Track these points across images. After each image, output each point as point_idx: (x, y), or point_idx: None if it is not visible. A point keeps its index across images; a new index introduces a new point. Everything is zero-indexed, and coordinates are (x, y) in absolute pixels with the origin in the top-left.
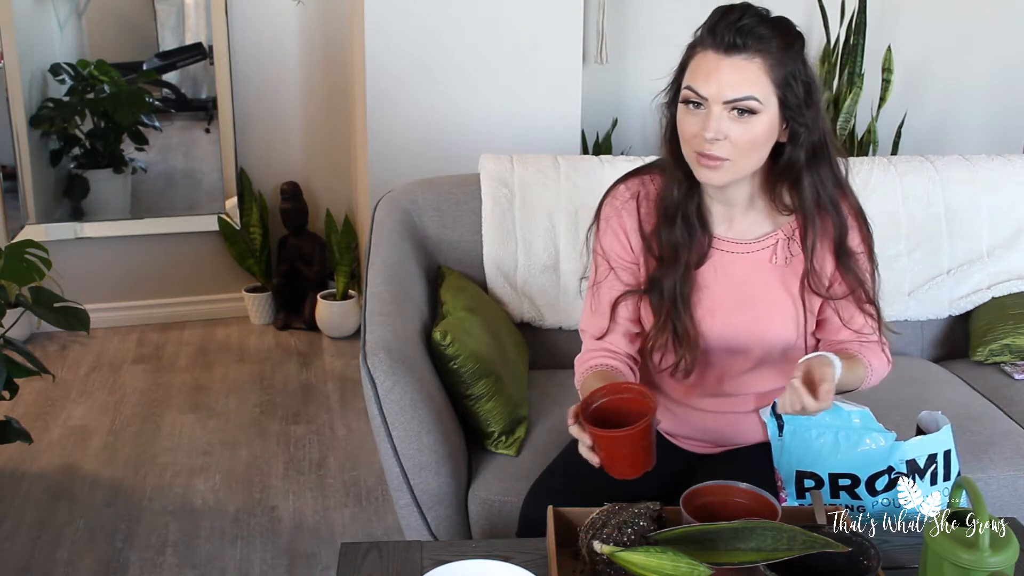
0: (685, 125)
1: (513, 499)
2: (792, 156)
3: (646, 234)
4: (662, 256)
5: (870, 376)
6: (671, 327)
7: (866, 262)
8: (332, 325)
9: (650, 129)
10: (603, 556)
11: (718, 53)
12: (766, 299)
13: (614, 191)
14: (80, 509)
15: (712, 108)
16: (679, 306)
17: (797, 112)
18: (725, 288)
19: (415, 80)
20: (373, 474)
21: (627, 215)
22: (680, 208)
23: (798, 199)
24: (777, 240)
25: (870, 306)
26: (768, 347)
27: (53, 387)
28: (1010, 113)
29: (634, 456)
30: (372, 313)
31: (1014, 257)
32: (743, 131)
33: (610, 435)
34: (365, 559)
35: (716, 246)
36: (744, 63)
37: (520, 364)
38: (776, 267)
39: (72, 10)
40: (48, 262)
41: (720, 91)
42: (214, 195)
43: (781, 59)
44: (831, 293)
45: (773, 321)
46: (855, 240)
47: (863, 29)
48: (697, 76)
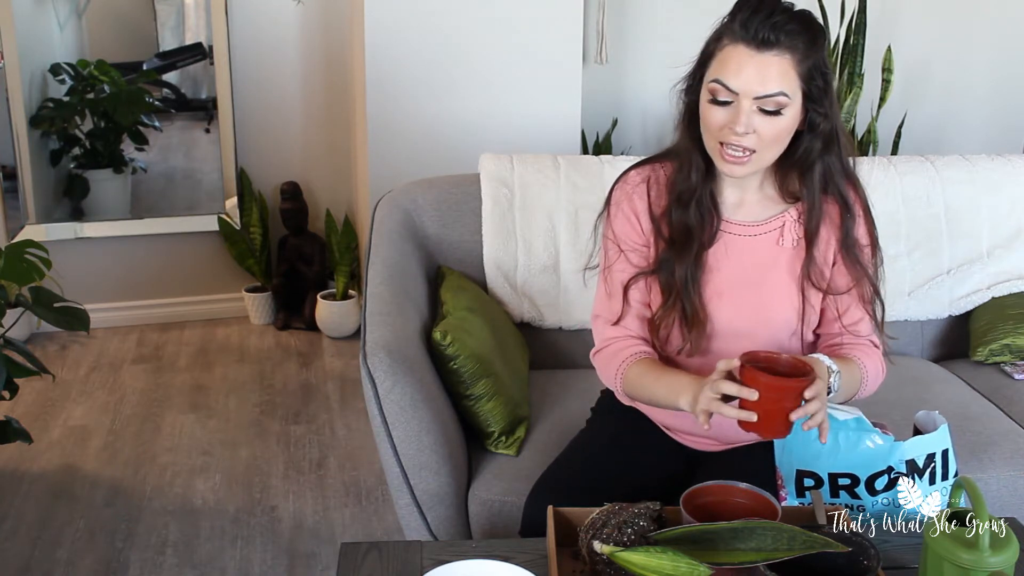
0: (711, 117)
1: (513, 499)
2: (808, 145)
3: (656, 217)
4: (673, 238)
5: (865, 380)
6: (679, 307)
7: (870, 256)
8: (332, 325)
9: (650, 129)
10: (603, 556)
11: (750, 48)
12: (772, 282)
13: (625, 177)
14: (80, 509)
15: (742, 103)
16: (689, 286)
17: (817, 103)
18: (733, 270)
19: (415, 80)
20: (373, 474)
21: (638, 198)
22: (696, 192)
23: (806, 186)
24: (784, 222)
25: (870, 305)
26: (774, 331)
27: (53, 387)
28: (1010, 113)
29: (784, 413)
30: (372, 313)
31: (1014, 257)
32: (771, 125)
33: (786, 384)
34: (365, 559)
35: (725, 228)
36: (776, 59)
37: (520, 364)
38: (784, 249)
39: (72, 10)
40: (48, 262)
41: (751, 87)
42: (214, 195)
43: (807, 54)
44: (833, 286)
45: (780, 305)
46: (861, 231)
47: (863, 29)
48: (727, 70)
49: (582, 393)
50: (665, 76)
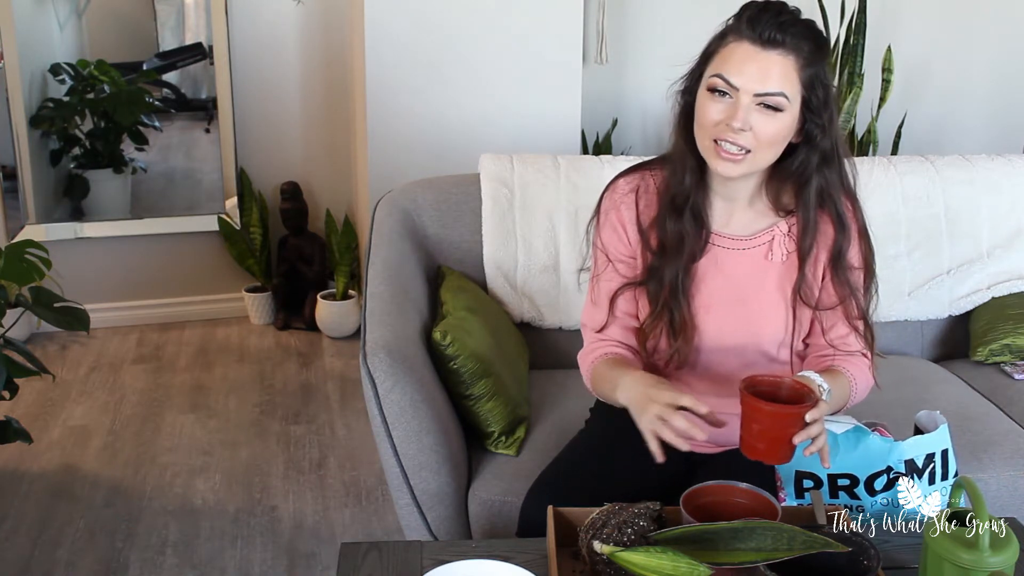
0: (707, 112)
1: (513, 499)
2: (804, 158)
3: (644, 227)
4: (664, 246)
5: (854, 393)
6: (667, 316)
7: (860, 279)
8: (332, 325)
9: (650, 129)
10: (603, 556)
11: (755, 45)
12: (761, 297)
13: (613, 185)
14: (80, 509)
15: (741, 98)
16: (679, 296)
17: (816, 114)
18: (721, 284)
19: (415, 80)
20: (373, 474)
21: (625, 209)
22: (689, 196)
23: (802, 201)
24: (774, 236)
25: (859, 321)
26: (761, 348)
27: (53, 387)
28: (1010, 113)
29: (788, 439)
30: (372, 313)
31: (1014, 257)
32: (767, 125)
33: (787, 412)
34: (365, 559)
35: (714, 242)
36: (779, 58)
37: (520, 364)
38: (772, 264)
39: (72, 10)
40: (48, 262)
41: (752, 83)
42: (214, 195)
43: (811, 60)
44: (820, 303)
45: (768, 319)
46: (853, 253)
47: (863, 29)
48: (729, 65)
49: (582, 393)
50: (665, 76)
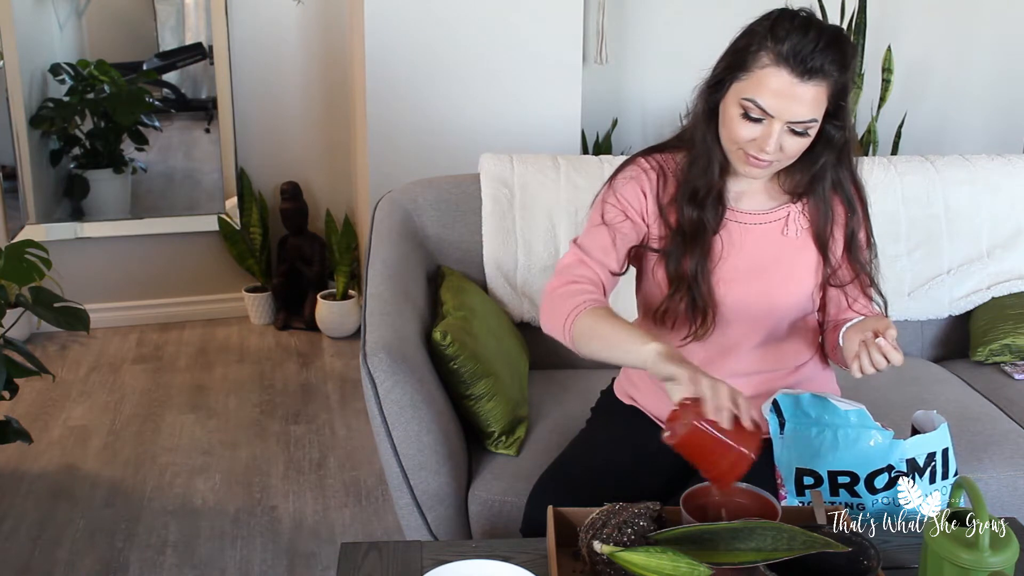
0: (739, 130)
1: (513, 499)
2: (821, 152)
3: (663, 204)
4: (684, 230)
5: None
6: (688, 297)
7: (866, 251)
8: (332, 325)
9: (650, 129)
10: (603, 556)
11: (793, 76)
12: (779, 270)
13: (635, 160)
14: (80, 509)
15: (773, 125)
16: (698, 276)
17: (835, 117)
18: (739, 258)
19: (415, 80)
20: (373, 474)
21: (647, 180)
22: (713, 189)
23: (816, 190)
24: (789, 213)
25: (872, 290)
26: (779, 319)
27: (53, 387)
28: (1010, 113)
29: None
30: (372, 313)
31: (1014, 257)
32: (796, 143)
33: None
34: (365, 559)
35: (730, 217)
36: (815, 89)
37: (520, 364)
38: (788, 239)
39: (72, 10)
40: (48, 262)
41: (788, 114)
42: (214, 195)
43: (840, 78)
44: (838, 279)
45: (787, 291)
46: (862, 232)
47: (863, 29)
48: (764, 92)
49: (582, 393)
50: (665, 76)
